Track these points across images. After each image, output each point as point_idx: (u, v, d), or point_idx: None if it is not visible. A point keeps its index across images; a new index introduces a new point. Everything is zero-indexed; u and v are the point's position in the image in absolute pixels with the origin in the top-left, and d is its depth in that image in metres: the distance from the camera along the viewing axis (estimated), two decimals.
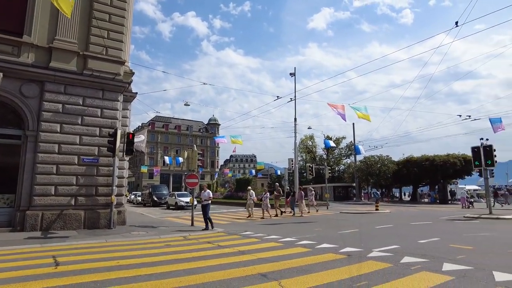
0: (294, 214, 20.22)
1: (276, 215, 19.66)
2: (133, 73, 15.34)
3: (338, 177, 57.59)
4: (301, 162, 57.99)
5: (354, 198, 46.66)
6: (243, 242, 9.71)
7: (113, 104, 13.47)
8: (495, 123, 25.41)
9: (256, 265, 6.36)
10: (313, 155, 63.16)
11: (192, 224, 14.12)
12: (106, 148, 12.64)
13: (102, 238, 10.29)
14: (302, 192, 20.96)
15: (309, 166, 29.49)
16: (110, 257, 7.37)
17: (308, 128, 66.08)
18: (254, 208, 19.32)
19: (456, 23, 13.73)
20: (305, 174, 53.56)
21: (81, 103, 12.86)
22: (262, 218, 18.07)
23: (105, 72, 13.27)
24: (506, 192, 45.52)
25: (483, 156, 18.66)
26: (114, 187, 12.57)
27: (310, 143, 63.20)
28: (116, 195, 12.83)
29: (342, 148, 61.85)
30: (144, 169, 64.55)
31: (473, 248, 8.02)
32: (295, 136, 29.63)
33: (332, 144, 43.21)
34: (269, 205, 19.16)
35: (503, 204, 29.25)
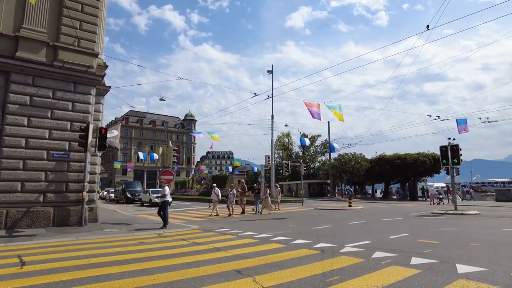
0: (260, 211, 19.58)
1: (243, 212, 19.05)
2: (106, 66, 14.88)
3: (313, 174, 58.56)
4: (277, 159, 58.49)
5: (328, 195, 47.62)
6: (219, 239, 9.70)
7: (85, 97, 13.01)
8: (461, 124, 26.73)
9: (231, 261, 6.38)
10: (290, 152, 63.84)
11: (167, 221, 13.92)
12: (77, 143, 12.22)
13: (73, 236, 9.96)
14: (268, 189, 20.62)
15: (285, 163, 29.80)
16: (80, 255, 7.15)
17: (285, 125, 66.79)
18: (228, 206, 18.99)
19: (427, 26, 14.27)
20: (281, 171, 54.09)
21: (51, 96, 12.34)
22: (230, 215, 17.53)
23: (77, 64, 12.78)
24: (465, 189, 48.10)
25: (450, 155, 19.53)
26: (85, 183, 12.19)
27: (287, 140, 63.84)
28: (87, 192, 12.46)
29: (317, 146, 62.92)
30: (117, 165, 62.93)
31: (439, 243, 8.40)
32: (272, 133, 29.88)
33: (307, 142, 43.83)
34: (233, 203, 18.48)
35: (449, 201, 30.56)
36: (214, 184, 20.82)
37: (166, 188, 13.15)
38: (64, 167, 12.26)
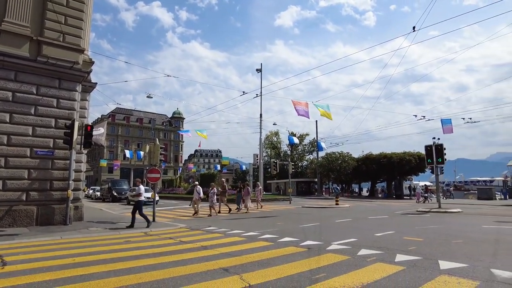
0: (239, 210, 19.62)
1: (230, 211, 18.81)
2: (92, 62, 14.62)
3: (301, 173, 58.95)
4: (266, 158, 58.64)
5: (316, 193, 47.98)
6: (206, 237, 9.67)
7: (70, 94, 12.76)
8: (446, 124, 27.31)
9: (218, 259, 6.38)
10: (278, 151, 64.06)
11: (154, 220, 13.79)
12: (62, 141, 11.98)
13: (57, 235, 9.78)
14: (249, 188, 20.17)
15: (273, 162, 29.90)
16: (65, 254, 7.04)
17: (273, 124, 67.07)
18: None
19: (414, 28, 14.53)
20: (269, 170, 54.23)
21: (35, 92, 12.05)
22: (209, 215, 17.05)
23: (62, 60, 12.51)
24: (445, 187, 49.35)
25: (435, 154, 19.95)
26: (70, 181, 11.96)
27: (275, 139, 64.06)
28: (73, 190, 12.24)
29: (305, 145, 63.30)
30: (103, 163, 61.96)
31: (423, 240, 8.58)
32: (260, 132, 29.95)
33: (296, 140, 44.07)
34: (215, 202, 18.01)
35: (430, 199, 30.95)
36: (196, 182, 20.49)
37: (141, 187, 12.70)
38: (48, 164, 12.01)
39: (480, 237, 9.15)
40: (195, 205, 17.55)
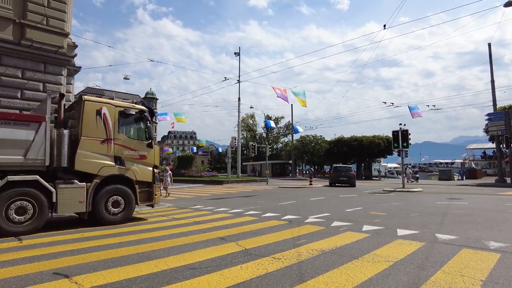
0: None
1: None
2: (76, 46, 14.73)
3: (276, 155, 60.60)
4: (242, 140, 59.66)
5: (290, 174, 49.83)
6: (196, 214, 10.59)
7: (56, 78, 12.94)
8: (413, 109, 29.31)
9: (213, 231, 7.35)
10: (254, 133, 65.23)
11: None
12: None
13: None
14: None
15: (252, 145, 30.91)
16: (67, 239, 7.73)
17: (250, 107, 67.86)
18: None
19: (384, 26, 15.68)
20: (245, 152, 55.42)
21: (20, 76, 12.17)
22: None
23: (46, 44, 12.60)
24: (411, 170, 53.20)
25: (401, 139, 21.68)
26: None
27: (251, 121, 65.05)
28: None
29: (280, 128, 64.80)
30: None
31: (386, 214, 9.95)
32: (239, 116, 30.74)
33: (272, 124, 45.27)
34: None
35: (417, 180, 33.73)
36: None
37: None
38: None
39: (432, 211, 10.68)
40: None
